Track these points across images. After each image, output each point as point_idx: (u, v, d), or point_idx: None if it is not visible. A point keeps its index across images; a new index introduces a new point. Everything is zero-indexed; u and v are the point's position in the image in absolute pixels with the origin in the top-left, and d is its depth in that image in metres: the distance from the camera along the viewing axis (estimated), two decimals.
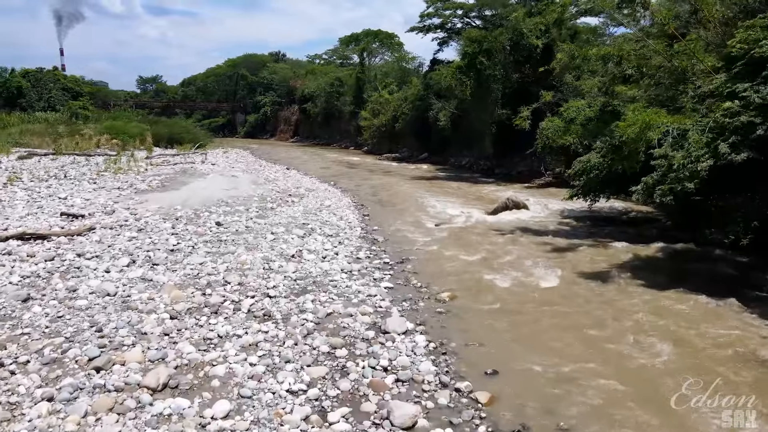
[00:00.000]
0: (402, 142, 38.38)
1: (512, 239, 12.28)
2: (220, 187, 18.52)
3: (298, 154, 41.84)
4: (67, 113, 45.95)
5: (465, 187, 22.11)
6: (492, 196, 19.52)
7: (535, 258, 10.53)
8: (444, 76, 24.04)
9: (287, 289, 8.08)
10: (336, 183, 22.54)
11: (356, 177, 25.75)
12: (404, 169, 30.00)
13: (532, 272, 9.57)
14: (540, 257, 10.60)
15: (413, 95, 36.23)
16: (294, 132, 63.25)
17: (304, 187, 20.22)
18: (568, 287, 8.80)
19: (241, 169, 25.94)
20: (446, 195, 19.86)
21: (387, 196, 19.44)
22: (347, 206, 16.40)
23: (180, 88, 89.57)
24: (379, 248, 11.21)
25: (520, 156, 25.25)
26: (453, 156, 32.21)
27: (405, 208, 16.82)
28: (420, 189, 21.38)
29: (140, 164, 23.90)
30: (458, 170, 28.99)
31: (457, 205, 17.32)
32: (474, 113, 24.59)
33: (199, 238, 10.92)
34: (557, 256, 10.79)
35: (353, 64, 57.68)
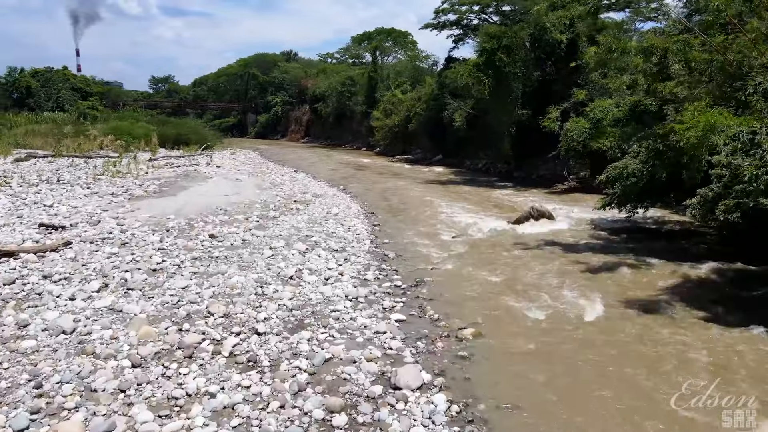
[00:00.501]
0: (415, 143, 37.05)
1: (539, 255, 10.91)
2: (222, 192, 17.37)
3: (308, 155, 40.71)
4: (75, 113, 45.42)
5: (482, 193, 20.73)
6: (512, 203, 18.15)
7: (569, 280, 9.17)
8: (460, 74, 22.69)
9: (280, 323, 6.83)
10: (345, 187, 21.30)
11: (367, 180, 24.50)
12: (417, 172, 28.69)
13: (566, 299, 8.21)
14: (574, 279, 9.24)
15: (427, 94, 34.88)
16: (305, 132, 62.18)
17: (311, 192, 19.01)
18: (612, 321, 7.42)
19: (246, 172, 24.81)
20: (463, 201, 18.51)
21: (399, 202, 18.15)
22: (356, 214, 15.13)
23: (191, 88, 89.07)
24: (389, 266, 9.92)
25: (541, 159, 23.81)
26: (468, 158, 30.80)
27: (418, 217, 15.51)
28: (434, 194, 20.05)
29: (141, 167, 22.87)
30: (474, 173, 27.60)
31: (475, 213, 15.97)
32: (492, 113, 23.21)
33: (188, 254, 9.72)
34: (593, 277, 9.41)
35: (366, 64, 56.51)
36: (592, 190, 20.10)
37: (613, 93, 20.38)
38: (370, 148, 44.32)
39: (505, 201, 18.63)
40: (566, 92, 21.35)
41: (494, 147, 26.57)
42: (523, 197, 19.12)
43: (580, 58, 20.87)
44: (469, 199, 18.98)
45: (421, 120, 34.25)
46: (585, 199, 18.64)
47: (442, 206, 17.06)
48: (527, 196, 19.35)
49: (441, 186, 22.74)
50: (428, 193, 20.45)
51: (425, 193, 20.46)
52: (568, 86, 21.34)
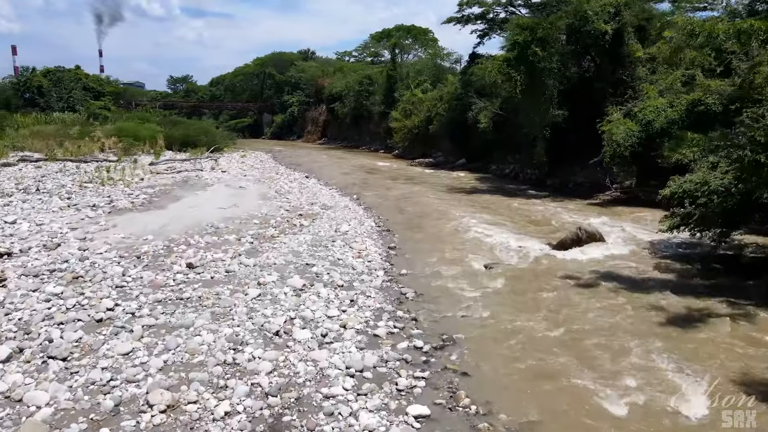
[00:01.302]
0: (436, 146, 34.71)
1: (600, 296, 8.57)
2: (218, 203, 15.34)
3: (322, 158, 38.68)
4: (85, 114, 44.14)
5: (513, 204, 18.36)
6: (550, 217, 15.77)
7: (652, 340, 6.82)
8: (488, 71, 20.33)
9: (247, 424, 4.67)
10: (359, 196, 19.13)
11: (383, 187, 22.31)
12: (439, 178, 26.39)
13: (658, 377, 5.87)
14: (658, 339, 6.87)
15: (449, 94, 32.54)
16: (321, 133, 60.22)
17: (320, 203, 16.88)
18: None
19: (253, 177, 22.82)
20: (492, 214, 16.19)
21: (419, 215, 15.92)
22: (369, 233, 12.94)
23: (208, 88, 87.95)
24: (407, 312, 7.70)
25: (579, 165, 21.32)
26: (494, 163, 28.37)
27: (442, 235, 13.26)
28: (459, 205, 17.77)
29: (138, 172, 21.04)
30: (501, 180, 25.18)
31: (509, 230, 13.65)
32: (522, 114, 20.82)
33: (152, 294, 7.64)
34: (684, 336, 7.03)
35: (384, 62, 54.30)
36: (640, 201, 17.62)
37: (665, 91, 17.90)
38: (389, 150, 42.11)
39: (541, 215, 16.25)
40: (608, 90, 18.89)
41: (524, 151, 24.14)
42: (561, 210, 16.71)
43: (629, 52, 18.46)
44: (499, 212, 16.65)
45: (443, 121, 31.91)
46: (634, 213, 16.17)
47: (469, 221, 14.77)
48: (566, 209, 16.95)
49: (465, 195, 20.41)
50: (452, 203, 18.16)
51: (448, 203, 18.18)
52: (611, 84, 18.87)
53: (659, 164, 16.81)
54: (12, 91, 49.64)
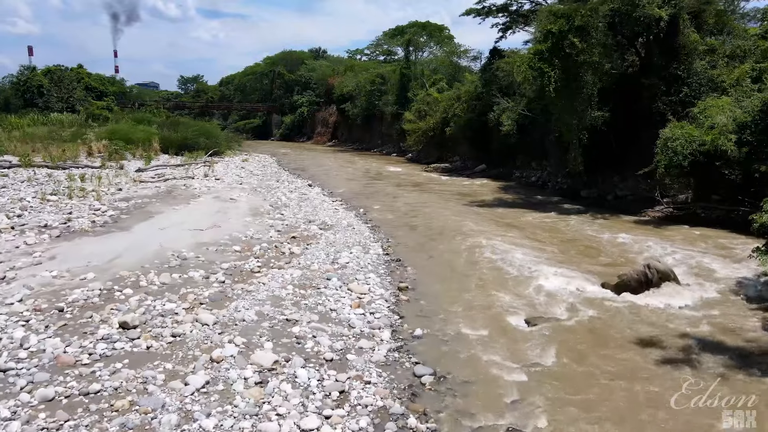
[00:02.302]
0: (453, 150, 32.05)
1: (707, 378, 5.89)
2: (197, 223, 12.89)
3: (330, 162, 36.22)
4: (84, 115, 42.21)
5: (546, 220, 15.65)
6: (594, 240, 13.08)
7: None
8: (516, 66, 17.61)
9: None
10: (366, 210, 16.59)
11: (395, 197, 19.73)
12: (457, 185, 23.74)
13: None
14: None
15: (468, 93, 29.85)
16: (332, 135, 57.82)
17: (320, 220, 14.36)
18: None
19: (249, 186, 20.38)
20: (522, 234, 13.54)
21: (435, 236, 13.32)
22: (374, 264, 10.37)
23: (218, 88, 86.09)
24: (424, 422, 5.10)
25: (620, 174, 18.56)
26: (518, 169, 25.65)
27: (465, 267, 10.63)
28: (481, 221, 15.14)
29: (120, 181, 18.71)
30: (527, 189, 22.45)
31: (547, 260, 10.98)
32: (555, 115, 18.11)
33: (43, 388, 5.15)
34: None
35: (398, 60, 51.64)
36: (700, 220, 14.79)
37: (731, 88, 15.10)
38: (402, 153, 39.55)
39: (583, 236, 13.55)
40: (659, 87, 16.10)
41: (554, 157, 21.42)
42: (606, 230, 13.97)
43: (686, 42, 15.66)
44: (531, 232, 13.98)
45: (461, 123, 29.22)
46: (696, 235, 13.40)
47: (496, 245, 12.13)
48: (611, 228, 14.21)
49: (488, 208, 17.73)
50: (473, 219, 15.52)
51: (469, 218, 15.54)
52: (663, 80, 16.07)
53: (726, 176, 14.03)
54: (12, 91, 47.98)
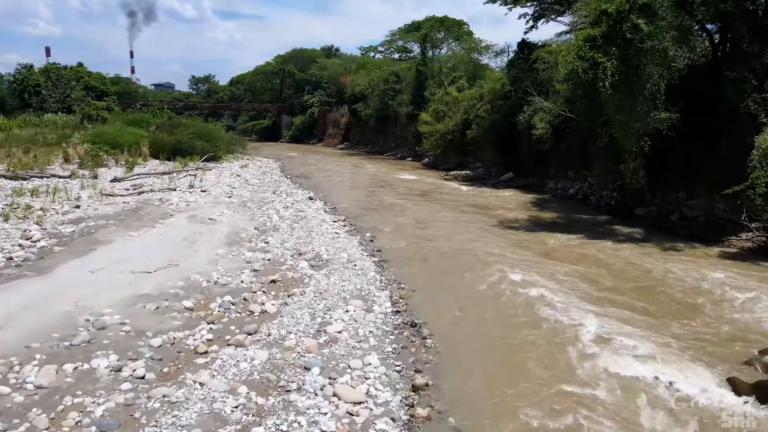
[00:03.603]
0: (475, 156, 28.74)
1: None
2: (149, 259, 9.83)
3: (339, 167, 33.13)
4: (79, 115, 39.75)
5: (601, 251, 12.32)
6: (671, 282, 9.77)
7: None
8: (561, 56, 14.32)
9: None
10: (374, 236, 13.45)
11: (410, 215, 16.54)
12: (481, 198, 20.48)
13: None
14: None
15: (492, 92, 26.58)
16: (343, 137, 54.79)
17: (314, 251, 11.24)
18: None
19: (239, 200, 17.36)
20: (576, 275, 10.26)
21: (463, 280, 10.12)
22: (380, 336, 7.20)
23: (228, 88, 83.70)
24: None
25: (687, 189, 15.15)
26: (552, 179, 22.30)
27: (512, 339, 7.42)
28: (519, 251, 11.90)
29: (84, 194, 15.82)
30: (565, 205, 19.10)
31: (621, 321, 7.72)
32: (606, 116, 14.80)
33: None
34: None
35: (413, 58, 48.35)
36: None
37: None
38: (417, 158, 36.31)
39: (660, 278, 10.19)
40: (750, 82, 12.67)
41: (600, 166, 18.07)
42: (688, 267, 10.61)
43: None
44: (585, 270, 10.69)
45: (484, 125, 25.95)
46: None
47: (545, 294, 8.90)
48: (688, 263, 10.87)
49: (523, 233, 14.44)
50: (507, 247, 12.29)
51: (502, 247, 12.32)
52: (755, 73, 12.64)
53: None
54: (8, 90, 45.79)
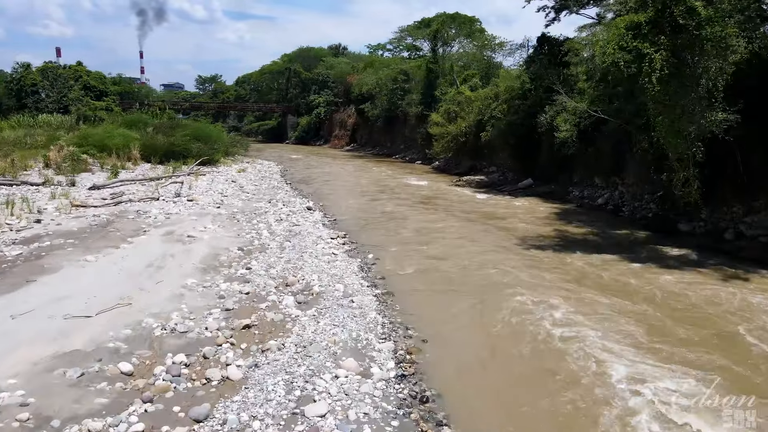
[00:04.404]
0: (490, 159, 26.65)
1: None
2: (95, 296, 7.92)
3: (343, 171, 31.17)
4: (75, 116, 38.17)
5: (644, 277, 10.24)
6: (751, 325, 7.68)
7: None
8: (599, 46, 12.22)
9: None
10: (377, 257, 11.47)
11: (419, 229, 14.53)
12: (498, 208, 18.40)
13: None
14: None
15: (509, 90, 24.48)
16: (350, 138, 52.80)
17: (305, 279, 9.29)
18: None
19: (228, 212, 15.45)
20: (624, 314, 8.21)
21: (484, 320, 8.11)
22: (380, 422, 5.22)
23: (234, 88, 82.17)
24: None
25: (744, 204, 12.99)
26: (577, 186, 20.16)
27: (557, 417, 5.41)
28: (549, 277, 9.88)
29: (49, 207, 14.00)
30: (594, 216, 16.97)
31: (688, 392, 5.67)
32: (644, 117, 12.72)
33: None
34: None
35: (423, 57, 46.27)
36: None
37: None
38: (427, 161, 34.24)
39: (733, 317, 8.12)
40: None
41: (637, 173, 15.97)
42: (755, 308, 8.53)
43: None
44: (634, 305, 8.63)
45: (501, 127, 23.86)
46: None
47: (590, 345, 6.88)
48: (760, 297, 8.78)
49: (552, 252, 12.36)
50: (536, 276, 10.25)
51: (530, 276, 10.29)
52: None
53: None
54: (5, 90, 44.30)
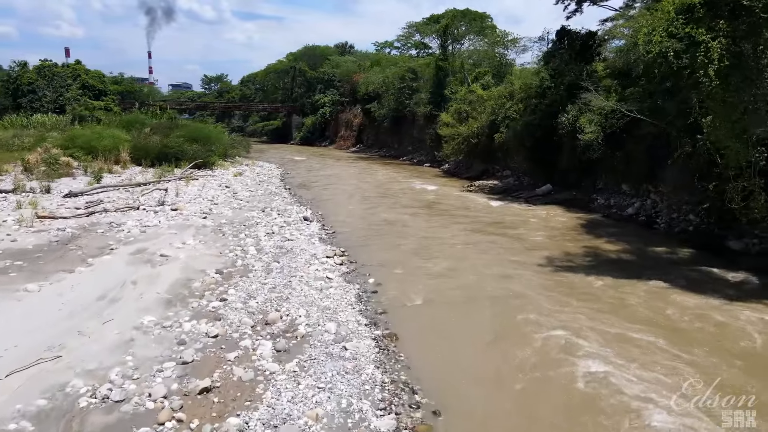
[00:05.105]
0: (504, 163, 24.84)
1: None
2: (17, 347, 6.26)
3: (348, 175, 29.43)
4: (69, 116, 36.78)
5: (712, 310, 8.42)
6: None
7: None
8: (643, 34, 10.40)
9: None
10: (379, 282, 9.74)
11: (428, 245, 12.76)
12: (514, 216, 16.58)
13: None
14: None
15: (526, 88, 22.67)
16: (356, 139, 51.08)
17: (291, 314, 7.60)
18: None
19: (214, 224, 13.79)
20: (695, 369, 6.43)
21: (511, 374, 6.35)
22: None
23: (239, 87, 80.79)
24: None
25: None
26: (602, 193, 18.31)
27: None
28: (590, 315, 8.11)
29: (11, 217, 12.40)
30: (624, 228, 15.11)
31: None
32: (690, 116, 10.90)
33: None
34: None
35: (432, 55, 44.44)
36: None
37: None
38: (436, 164, 32.45)
39: None
40: None
41: (677, 181, 14.13)
42: None
43: None
44: (718, 364, 6.85)
45: (517, 128, 22.05)
46: None
47: (655, 416, 5.13)
48: None
49: (589, 278, 10.56)
50: (570, 309, 8.49)
51: (563, 306, 8.53)
52: None
53: None
54: (1, 89, 43.01)
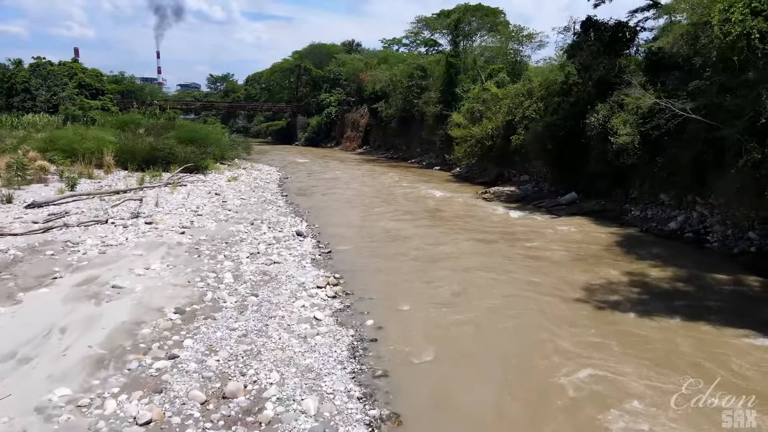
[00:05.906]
0: (522, 167, 22.74)
1: None
2: None
3: (351, 179, 27.42)
4: (62, 116, 35.20)
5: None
6: None
7: None
8: (717, 12, 8.24)
9: None
10: (383, 326, 7.75)
11: (439, 268, 10.74)
12: (539, 232, 14.51)
13: None
14: None
15: (546, 85, 20.59)
16: (363, 140, 49.10)
17: (258, 385, 5.64)
18: None
19: (192, 241, 11.87)
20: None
21: None
22: None
23: (244, 87, 79.18)
24: None
25: None
26: (636, 204, 16.17)
27: None
28: (653, 382, 6.09)
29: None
30: (668, 246, 12.99)
31: None
32: (763, 117, 8.84)
33: None
34: None
35: (442, 52, 42.36)
36: None
37: None
38: (447, 167, 30.37)
39: None
40: None
41: (735, 193, 12.03)
42: None
43: None
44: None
45: (537, 129, 19.94)
46: None
47: None
48: None
49: (641, 320, 8.53)
50: (628, 371, 6.48)
51: (617, 364, 6.52)
52: None
53: None
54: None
